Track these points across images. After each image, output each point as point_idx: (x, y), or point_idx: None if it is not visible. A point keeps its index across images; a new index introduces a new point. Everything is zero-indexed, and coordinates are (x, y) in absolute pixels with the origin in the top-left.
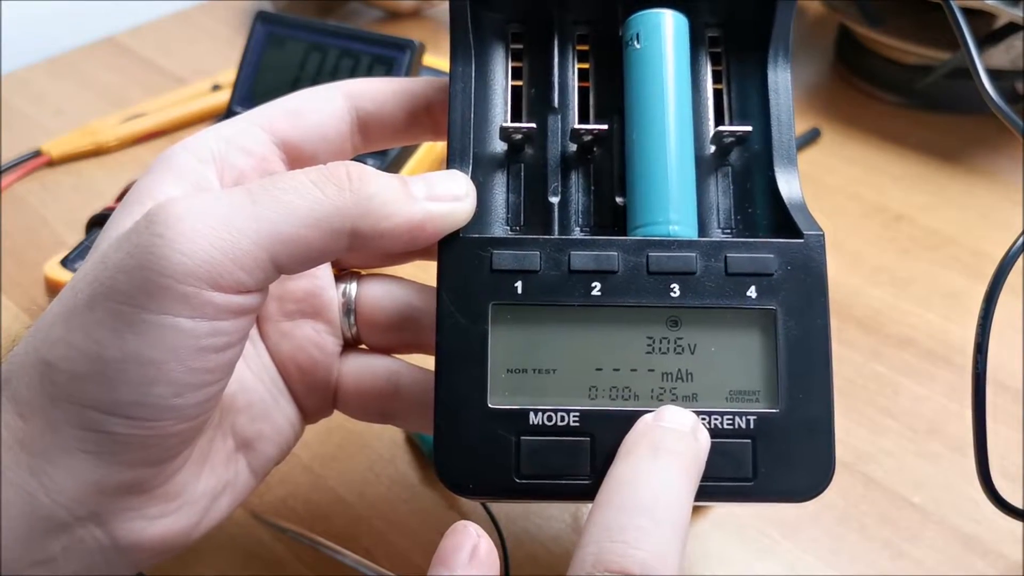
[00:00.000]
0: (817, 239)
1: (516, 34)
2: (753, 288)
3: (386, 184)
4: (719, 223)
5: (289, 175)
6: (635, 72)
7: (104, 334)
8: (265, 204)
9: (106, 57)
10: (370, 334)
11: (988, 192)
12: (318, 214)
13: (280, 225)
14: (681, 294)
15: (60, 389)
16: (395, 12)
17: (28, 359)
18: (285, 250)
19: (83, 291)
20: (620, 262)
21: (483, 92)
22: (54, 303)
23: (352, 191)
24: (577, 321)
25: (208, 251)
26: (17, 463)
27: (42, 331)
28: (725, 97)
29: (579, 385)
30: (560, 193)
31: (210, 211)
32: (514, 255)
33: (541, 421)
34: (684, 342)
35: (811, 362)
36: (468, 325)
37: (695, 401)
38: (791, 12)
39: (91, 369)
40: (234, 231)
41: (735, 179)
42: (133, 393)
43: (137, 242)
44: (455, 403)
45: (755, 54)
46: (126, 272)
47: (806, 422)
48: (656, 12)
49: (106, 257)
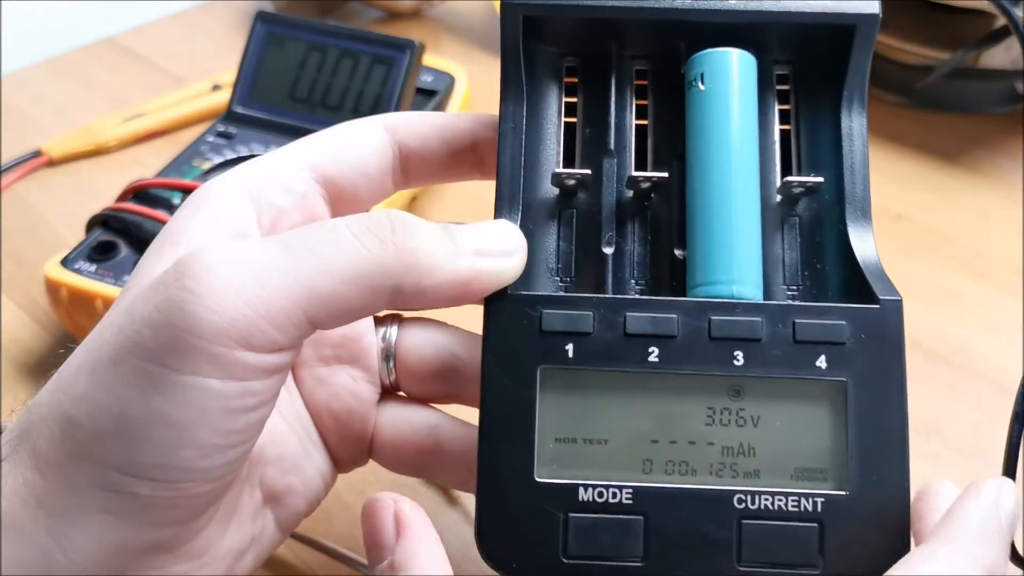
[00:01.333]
0: (895, 306)
1: (570, 67)
2: (823, 357)
3: (431, 236)
4: (784, 279)
5: (329, 225)
6: (699, 116)
7: (128, 392)
8: (302, 258)
9: (106, 57)
10: (409, 382)
11: (988, 192)
12: (358, 270)
13: (317, 281)
14: (745, 362)
15: (82, 447)
16: (395, 12)
17: (50, 412)
18: (322, 307)
19: (109, 342)
20: (680, 326)
21: (535, 132)
22: (79, 349)
23: (395, 244)
24: (632, 388)
25: (240, 309)
26: (34, 521)
27: (64, 381)
28: (793, 141)
29: (633, 458)
30: (615, 243)
31: (243, 265)
32: (565, 315)
33: (592, 497)
34: (747, 414)
35: (885, 440)
36: (515, 390)
37: (757, 478)
38: (869, 51)
39: (114, 428)
40: (268, 288)
41: (803, 231)
42: (157, 455)
43: (166, 295)
44: (500, 474)
45: (827, 96)
46: (153, 328)
47: (879, 507)
48: (723, 51)
49: (133, 308)
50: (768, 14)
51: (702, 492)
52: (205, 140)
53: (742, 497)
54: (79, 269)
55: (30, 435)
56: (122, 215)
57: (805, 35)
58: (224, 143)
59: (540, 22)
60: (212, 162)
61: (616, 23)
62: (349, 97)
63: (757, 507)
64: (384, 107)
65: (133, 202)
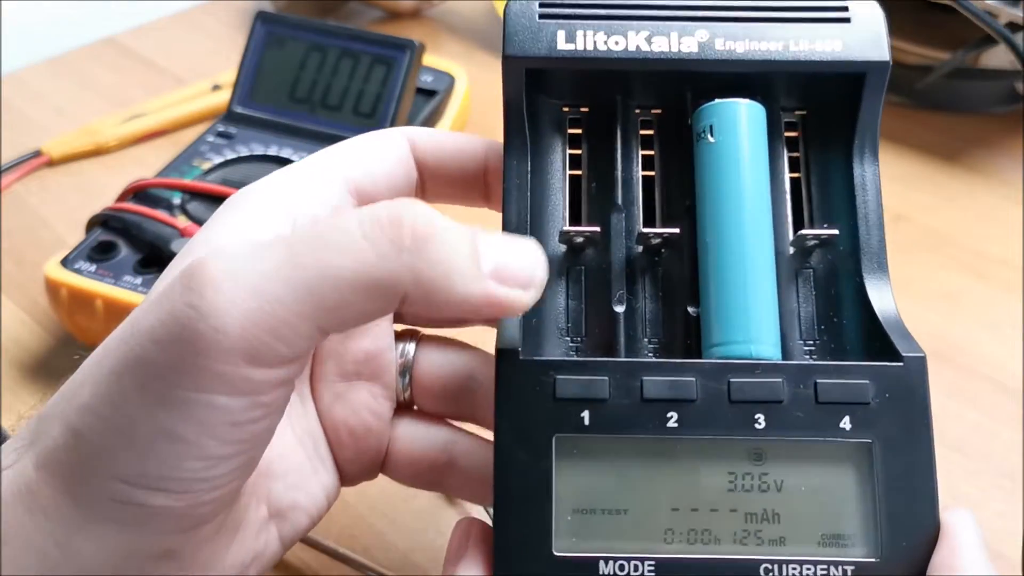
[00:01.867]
0: (918, 363)
1: (574, 119)
2: (847, 418)
3: (452, 250)
4: (801, 334)
5: (340, 225)
6: (709, 169)
7: (132, 408)
8: (307, 266)
9: (106, 57)
10: (424, 400)
11: (988, 192)
12: (367, 281)
13: (325, 291)
14: (767, 425)
15: (87, 458)
16: (395, 12)
17: (56, 423)
18: (331, 317)
19: (113, 353)
20: (699, 389)
21: (540, 187)
22: (88, 360)
23: (410, 252)
24: (651, 455)
25: (246, 327)
26: (40, 530)
27: (70, 391)
28: (804, 191)
29: (653, 528)
30: (626, 301)
31: (247, 278)
32: (580, 382)
33: (612, 571)
34: (770, 479)
35: (914, 501)
36: (530, 460)
37: (783, 546)
38: (879, 98)
39: (118, 442)
40: (273, 301)
41: (818, 285)
42: (163, 467)
43: (170, 310)
44: (517, 548)
45: (838, 145)
46: (157, 344)
47: (910, 572)
48: (731, 103)
49: (136, 320)
50: (776, 63)
51: (727, 562)
52: (205, 140)
53: (768, 567)
54: (79, 269)
55: (36, 444)
56: (122, 215)
57: (814, 83)
58: (224, 143)
59: (543, 75)
60: (212, 162)
61: (620, 74)
62: (349, 97)
63: None
64: (384, 107)
65: (133, 202)
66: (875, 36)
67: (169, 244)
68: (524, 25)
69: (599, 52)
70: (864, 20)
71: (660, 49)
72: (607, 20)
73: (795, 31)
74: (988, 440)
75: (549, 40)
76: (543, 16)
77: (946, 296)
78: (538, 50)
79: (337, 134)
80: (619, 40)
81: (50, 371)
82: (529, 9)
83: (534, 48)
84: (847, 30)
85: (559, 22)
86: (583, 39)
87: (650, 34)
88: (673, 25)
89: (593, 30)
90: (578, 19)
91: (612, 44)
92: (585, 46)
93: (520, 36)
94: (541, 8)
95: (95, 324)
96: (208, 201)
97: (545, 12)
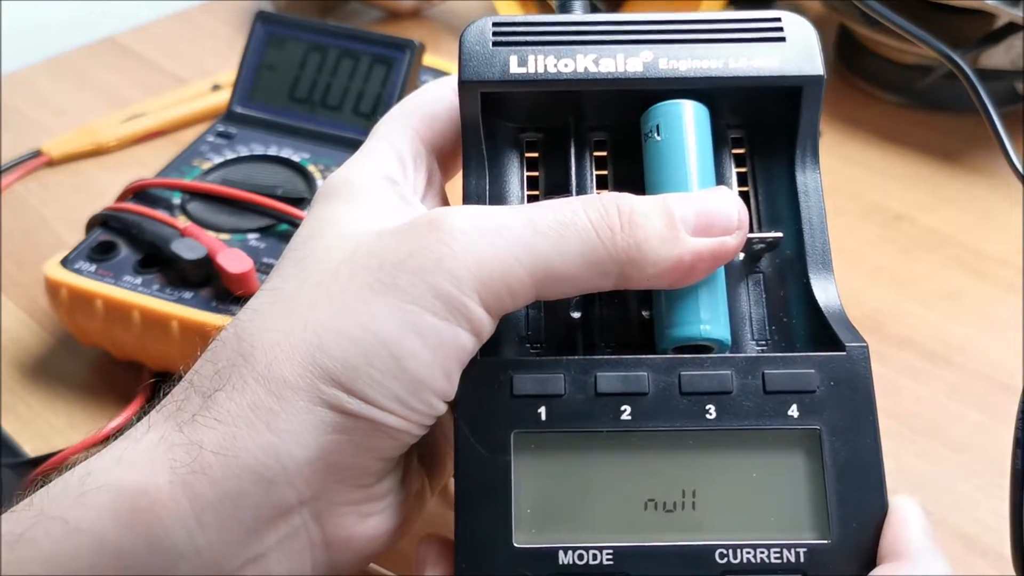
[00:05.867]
0: (860, 351)
1: (530, 142)
2: (795, 407)
3: (655, 227)
4: (753, 335)
5: (568, 207)
6: (656, 165)
7: (384, 328)
8: (545, 236)
9: (106, 57)
10: None
11: (988, 192)
12: (591, 258)
13: (555, 262)
14: (717, 416)
15: (324, 371)
16: (395, 12)
17: (286, 338)
18: (553, 285)
19: (352, 280)
20: (650, 383)
21: (498, 203)
22: (283, 284)
23: (624, 236)
24: (606, 448)
25: (490, 273)
26: (255, 439)
27: (300, 310)
28: (752, 200)
29: (611, 518)
30: (581, 308)
31: (496, 234)
32: (536, 379)
33: (572, 560)
34: (722, 467)
35: (862, 483)
36: (489, 456)
37: (737, 531)
38: (817, 111)
39: (363, 361)
40: (513, 260)
41: (767, 287)
42: (400, 387)
43: (423, 245)
44: (478, 541)
45: (781, 154)
46: (410, 273)
47: (861, 553)
48: (675, 102)
49: (374, 251)
50: (717, 80)
51: (683, 548)
52: (205, 140)
53: (723, 552)
54: (79, 269)
55: (252, 361)
56: (122, 215)
57: (755, 98)
58: (224, 143)
59: (498, 98)
60: (212, 162)
61: (571, 95)
62: (349, 97)
63: (740, 560)
64: (384, 107)
65: (133, 202)
66: (809, 52)
67: (169, 244)
68: (478, 51)
69: (549, 74)
70: (798, 38)
71: (607, 70)
72: (557, 45)
73: (734, 50)
74: (988, 440)
75: (502, 64)
76: (496, 43)
77: (946, 296)
78: (492, 74)
79: (337, 134)
80: (568, 63)
81: (50, 371)
82: (483, 36)
83: (488, 72)
84: (783, 48)
85: (512, 48)
86: (534, 63)
87: (597, 56)
88: (619, 48)
89: (544, 54)
90: (529, 44)
91: (562, 67)
92: (536, 69)
93: (475, 61)
94: (495, 36)
95: (95, 324)
96: (208, 201)
97: (499, 40)
